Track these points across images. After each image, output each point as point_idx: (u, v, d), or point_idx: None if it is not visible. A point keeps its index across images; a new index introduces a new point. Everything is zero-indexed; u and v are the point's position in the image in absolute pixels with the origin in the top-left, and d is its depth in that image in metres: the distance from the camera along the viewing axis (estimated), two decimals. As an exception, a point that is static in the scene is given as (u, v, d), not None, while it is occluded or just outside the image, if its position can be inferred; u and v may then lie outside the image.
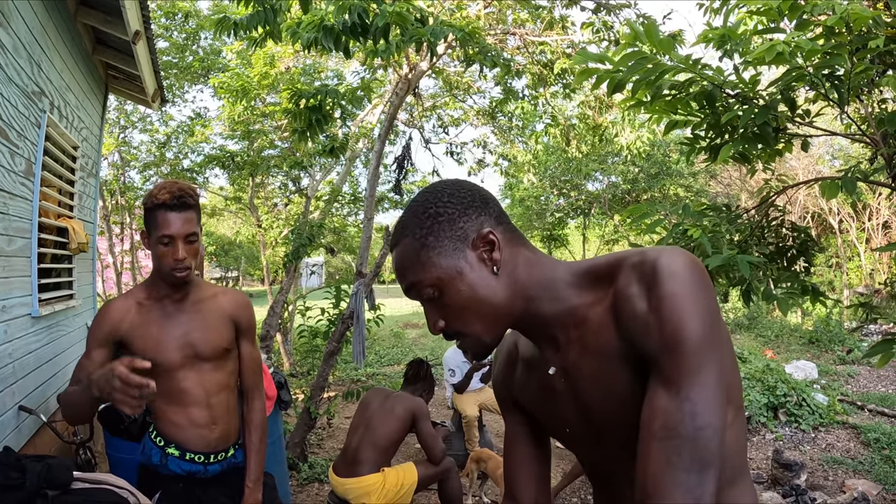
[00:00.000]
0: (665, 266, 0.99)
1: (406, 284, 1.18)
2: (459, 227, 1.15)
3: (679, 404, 0.93)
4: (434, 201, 1.17)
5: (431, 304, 1.17)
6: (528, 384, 1.33)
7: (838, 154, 16.82)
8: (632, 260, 1.06)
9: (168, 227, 2.07)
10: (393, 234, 1.22)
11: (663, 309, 0.97)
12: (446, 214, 1.15)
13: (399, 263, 1.18)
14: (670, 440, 0.93)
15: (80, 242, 4.23)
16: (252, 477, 2.33)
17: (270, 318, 7.68)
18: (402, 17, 3.43)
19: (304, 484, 5.16)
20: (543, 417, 1.32)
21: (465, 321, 1.16)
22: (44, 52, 3.64)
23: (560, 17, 7.01)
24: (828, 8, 2.43)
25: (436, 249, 1.14)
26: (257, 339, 2.55)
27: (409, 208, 1.21)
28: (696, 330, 0.95)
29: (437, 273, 1.14)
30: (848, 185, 2.61)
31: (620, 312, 1.04)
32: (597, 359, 1.10)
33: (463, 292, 1.14)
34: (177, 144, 11.33)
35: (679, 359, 0.95)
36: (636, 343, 1.01)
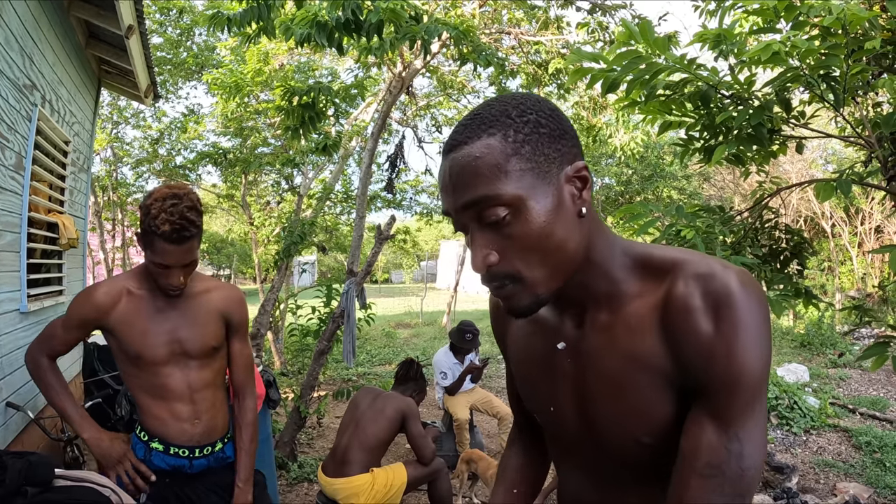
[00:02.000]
0: (739, 292, 0.92)
1: (469, 197, 0.95)
2: (558, 149, 0.97)
3: (728, 443, 0.92)
4: (534, 108, 0.98)
5: (490, 232, 0.96)
6: (525, 344, 1.23)
7: (832, 158, 16.87)
8: (697, 268, 0.97)
9: (165, 258, 2.00)
10: (461, 130, 0.98)
11: (733, 341, 0.91)
12: (549, 128, 0.97)
13: (469, 167, 0.94)
14: (714, 478, 0.91)
15: (71, 238, 4.20)
16: (242, 476, 2.30)
17: (261, 317, 7.65)
18: (396, 14, 3.41)
19: (294, 483, 5.13)
20: (529, 386, 1.23)
21: (529, 260, 0.96)
22: (36, 45, 3.61)
23: (555, 17, 7.01)
24: (824, 9, 2.42)
25: (529, 163, 0.94)
26: (248, 337, 2.52)
27: (491, 105, 0.99)
28: (758, 368, 0.92)
29: (522, 191, 0.93)
30: (843, 187, 2.60)
31: (677, 323, 0.96)
32: (623, 357, 1.02)
33: (542, 224, 0.94)
34: (170, 141, 11.31)
35: (736, 396, 0.92)
36: (688, 363, 0.95)
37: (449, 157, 0.98)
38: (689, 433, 0.95)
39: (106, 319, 2.11)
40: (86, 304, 2.12)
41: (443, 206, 1.02)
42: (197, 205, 2.05)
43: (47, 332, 2.19)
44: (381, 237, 5.42)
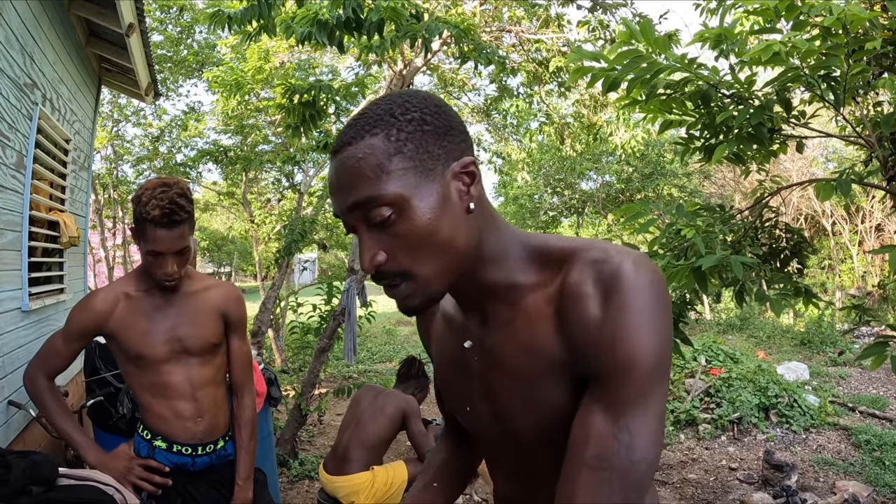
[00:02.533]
0: (629, 274, 0.89)
1: (354, 199, 0.94)
2: (443, 146, 0.96)
3: (617, 433, 0.87)
4: (419, 105, 0.97)
5: (377, 231, 0.95)
6: (440, 345, 1.22)
7: (832, 156, 16.88)
8: (591, 254, 0.95)
9: (156, 244, 2.01)
10: (346, 131, 0.97)
11: (621, 324, 0.88)
12: (433, 124, 0.96)
13: (352, 169, 0.93)
14: (602, 470, 0.87)
15: (72, 236, 4.21)
16: (242, 474, 2.31)
17: (262, 314, 7.66)
18: (396, 13, 3.41)
19: (294, 481, 5.14)
20: (446, 386, 1.22)
21: (417, 258, 0.95)
22: (36, 43, 3.61)
23: (556, 15, 7.00)
24: (824, 9, 2.42)
25: (412, 161, 0.93)
26: (248, 334, 2.53)
27: (377, 104, 0.98)
28: (651, 355, 0.88)
29: (405, 190, 0.92)
30: (843, 187, 2.61)
31: (568, 311, 0.94)
32: (524, 351, 0.99)
33: (428, 221, 0.93)
34: (170, 139, 11.31)
35: (626, 383, 0.88)
36: (579, 350, 0.93)
37: (335, 159, 0.97)
38: (579, 422, 0.91)
39: (106, 325, 2.12)
40: (85, 313, 2.12)
41: (333, 207, 1.01)
42: (187, 192, 2.07)
43: (47, 350, 2.18)
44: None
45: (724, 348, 8.07)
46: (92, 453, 2.15)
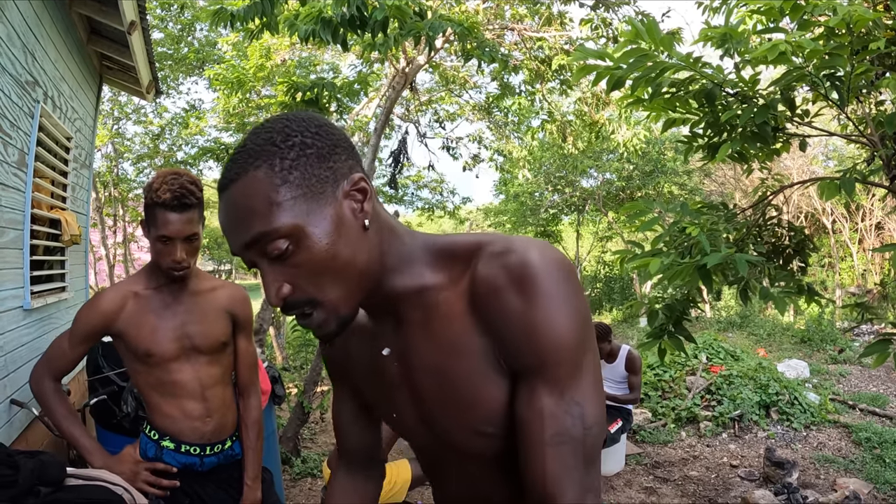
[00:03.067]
0: (538, 263, 0.92)
1: (247, 237, 0.91)
2: (330, 167, 0.94)
3: (567, 407, 0.92)
4: (299, 129, 0.94)
5: (277, 265, 0.93)
6: (359, 358, 1.20)
7: (832, 154, 16.88)
8: (494, 247, 0.97)
9: (167, 228, 2.00)
10: (230, 167, 0.94)
11: (542, 310, 0.91)
12: (315, 147, 0.94)
13: (241, 205, 0.91)
14: (564, 444, 0.92)
15: (73, 234, 4.20)
16: (251, 475, 2.31)
17: (264, 312, 7.65)
18: (400, 11, 3.41)
19: (297, 478, 5.15)
20: (371, 397, 1.22)
21: (321, 285, 0.94)
22: (38, 41, 3.60)
23: (558, 13, 7.00)
24: (828, 8, 2.42)
25: (301, 189, 0.91)
26: (251, 334, 2.53)
27: (257, 133, 0.95)
28: (576, 331, 0.92)
29: (298, 219, 0.90)
30: (847, 186, 2.61)
31: (485, 304, 0.95)
32: (443, 350, 1.00)
33: (325, 247, 0.92)
34: (171, 136, 11.31)
35: (561, 362, 0.92)
36: (505, 341, 0.95)
37: (223, 198, 0.94)
38: (527, 407, 0.94)
39: (114, 325, 2.11)
40: (92, 314, 2.11)
41: (230, 246, 0.97)
42: (197, 182, 2.09)
43: (53, 352, 2.17)
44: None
45: (725, 346, 8.08)
46: (98, 457, 2.14)
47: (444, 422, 1.05)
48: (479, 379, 0.98)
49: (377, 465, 1.39)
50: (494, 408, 0.99)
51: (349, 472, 1.37)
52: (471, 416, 1.01)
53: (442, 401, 1.03)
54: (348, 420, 1.33)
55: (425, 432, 1.11)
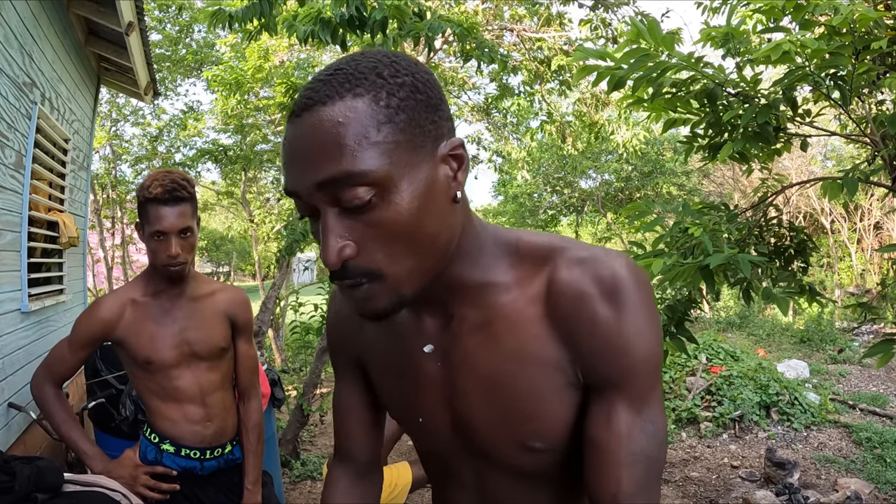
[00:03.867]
0: (628, 275, 0.87)
1: (328, 174, 0.76)
2: (434, 121, 0.82)
3: (643, 426, 0.88)
4: (409, 69, 0.81)
5: (348, 218, 0.78)
6: (380, 348, 1.07)
7: (831, 154, 16.90)
8: (576, 253, 0.90)
9: (160, 223, 1.99)
10: (317, 87, 0.79)
11: (633, 324, 0.86)
12: (426, 95, 0.81)
13: (327, 134, 0.75)
14: (638, 464, 0.87)
15: (71, 237, 4.19)
16: (251, 478, 2.31)
17: (263, 314, 7.64)
18: (400, 11, 3.40)
19: (297, 481, 5.13)
20: (390, 394, 1.09)
21: (393, 253, 0.80)
22: (35, 42, 3.59)
23: (557, 13, 6.99)
24: (830, 8, 2.41)
25: (404, 135, 0.78)
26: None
27: (356, 60, 0.81)
28: (658, 347, 0.89)
29: (394, 170, 0.77)
30: (850, 186, 2.60)
31: (570, 312, 0.88)
32: (504, 356, 0.91)
33: (414, 210, 0.79)
34: (169, 138, 11.29)
35: (644, 378, 0.88)
36: (585, 352, 0.88)
37: (300, 121, 0.79)
38: (604, 424, 0.89)
39: (113, 333, 2.10)
40: (92, 321, 2.11)
41: (287, 183, 0.82)
42: (188, 178, 2.09)
43: (54, 357, 2.17)
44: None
45: (725, 346, 8.07)
46: (98, 462, 2.14)
47: (487, 432, 0.97)
48: (542, 391, 0.91)
49: (376, 468, 1.26)
50: (552, 422, 0.93)
51: (346, 474, 1.24)
52: (523, 429, 0.94)
53: (491, 410, 0.95)
54: (351, 414, 1.21)
55: (455, 440, 1.03)
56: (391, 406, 1.11)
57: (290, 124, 0.80)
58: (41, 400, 2.15)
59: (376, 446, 1.24)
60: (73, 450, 2.17)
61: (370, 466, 1.24)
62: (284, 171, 0.82)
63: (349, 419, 1.21)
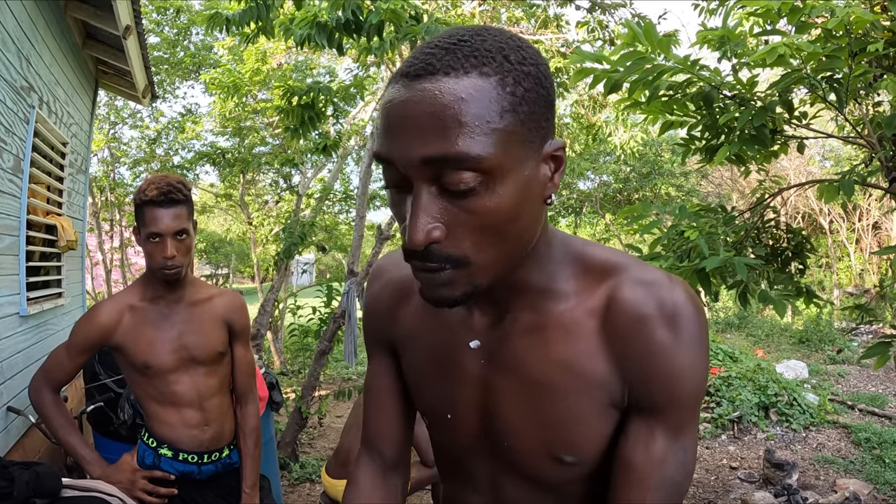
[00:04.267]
0: (689, 304, 0.87)
1: (440, 151, 0.72)
2: (547, 119, 0.79)
3: (675, 454, 0.88)
4: (534, 60, 0.77)
5: (444, 200, 0.75)
6: (424, 337, 1.04)
7: (829, 155, 16.91)
8: (639, 273, 0.90)
9: (156, 225, 2.00)
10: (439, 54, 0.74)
11: (691, 354, 0.86)
12: (546, 90, 0.78)
13: (446, 109, 0.71)
14: (663, 489, 0.88)
15: (69, 240, 4.19)
16: (249, 482, 2.31)
17: (261, 317, 7.65)
18: (396, 15, 3.40)
19: (296, 484, 5.13)
20: (424, 387, 1.06)
21: (482, 243, 0.77)
22: (33, 46, 3.59)
23: (554, 15, 7.00)
24: (826, 10, 2.42)
25: (522, 126, 0.75)
26: (249, 339, 2.53)
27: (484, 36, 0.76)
28: (704, 381, 0.89)
29: (507, 161, 0.74)
30: (846, 188, 2.60)
31: (627, 333, 0.87)
32: (553, 363, 0.90)
33: (514, 203, 0.76)
34: (167, 141, 11.28)
35: (685, 409, 0.89)
36: (640, 377, 0.88)
37: (415, 85, 0.73)
38: (641, 448, 0.89)
39: (111, 339, 2.10)
40: (90, 327, 2.11)
41: (383, 148, 0.77)
42: (184, 181, 2.11)
43: (52, 363, 2.16)
44: (381, 237, 5.41)
45: (724, 347, 8.08)
46: (96, 467, 2.14)
47: (518, 437, 0.96)
48: (585, 405, 0.90)
49: (403, 465, 1.20)
50: (588, 438, 0.92)
51: (370, 470, 1.18)
52: (558, 439, 0.93)
53: (528, 416, 0.94)
54: (379, 401, 1.17)
55: (481, 441, 1.01)
56: (421, 397, 1.08)
57: (401, 86, 0.75)
58: (39, 405, 2.15)
59: (404, 441, 1.19)
60: (72, 455, 2.17)
61: (396, 462, 1.19)
62: (381, 135, 0.77)
63: (377, 407, 1.17)
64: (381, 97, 7.32)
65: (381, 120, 0.77)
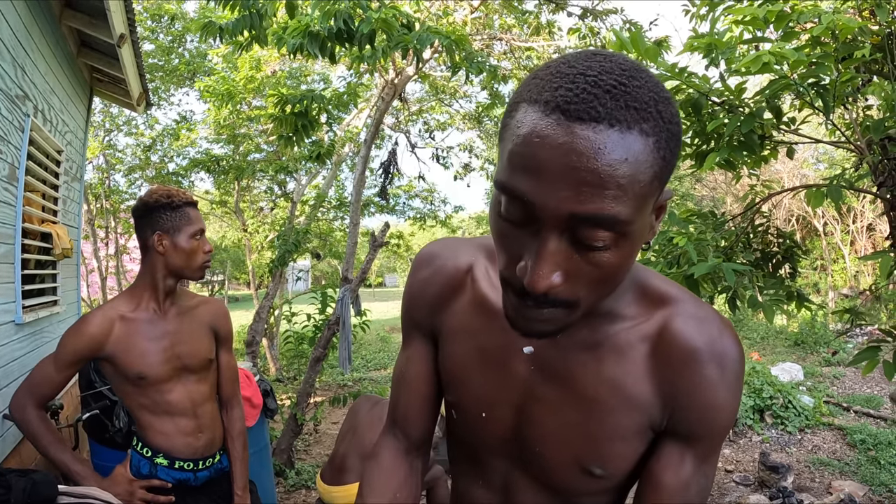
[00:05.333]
0: (736, 344, 0.92)
1: (595, 211, 0.69)
2: (668, 176, 0.76)
3: (697, 478, 0.95)
4: (677, 117, 0.75)
5: (572, 250, 0.74)
6: (475, 333, 1.04)
7: (823, 157, 16.95)
8: (692, 308, 0.93)
9: (200, 222, 2.15)
10: (603, 97, 0.68)
11: (729, 391, 0.91)
12: (679, 147, 0.76)
13: (613, 169, 0.68)
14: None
15: (65, 248, 4.20)
16: (240, 484, 2.33)
17: (256, 324, 7.64)
18: (387, 24, 3.42)
19: (291, 490, 5.13)
20: (463, 381, 1.06)
21: (592, 290, 0.77)
22: (28, 54, 3.60)
23: (546, 22, 7.02)
24: (814, 16, 2.44)
25: (657, 189, 0.74)
26: (243, 344, 2.55)
27: (638, 83, 0.70)
28: (735, 417, 0.98)
29: (638, 223, 0.73)
30: (833, 194, 2.63)
31: (677, 365, 0.91)
32: (603, 380, 0.94)
33: (628, 258, 0.76)
34: (162, 148, 11.27)
35: (717, 440, 0.95)
36: (682, 407, 0.92)
37: (578, 131, 0.68)
38: (672, 469, 0.95)
39: (102, 350, 2.09)
40: (79, 338, 2.09)
41: (526, 186, 0.71)
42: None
43: (38, 376, 2.12)
44: (375, 244, 5.42)
45: (719, 351, 8.07)
46: (91, 482, 2.13)
47: (551, 445, 0.99)
48: (626, 423, 0.94)
49: (426, 449, 1.21)
50: (622, 454, 0.97)
51: (393, 450, 1.19)
52: (592, 453, 0.96)
53: (567, 426, 0.97)
54: (413, 386, 1.17)
55: (510, 443, 1.04)
56: (458, 390, 1.08)
57: (556, 123, 0.69)
58: (24, 423, 2.09)
59: (430, 426, 1.20)
60: (65, 472, 2.12)
61: (421, 444, 1.20)
62: (522, 170, 0.72)
63: (410, 391, 1.17)
64: (374, 105, 7.24)
65: (522, 153, 0.72)
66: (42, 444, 2.10)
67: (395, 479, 1.16)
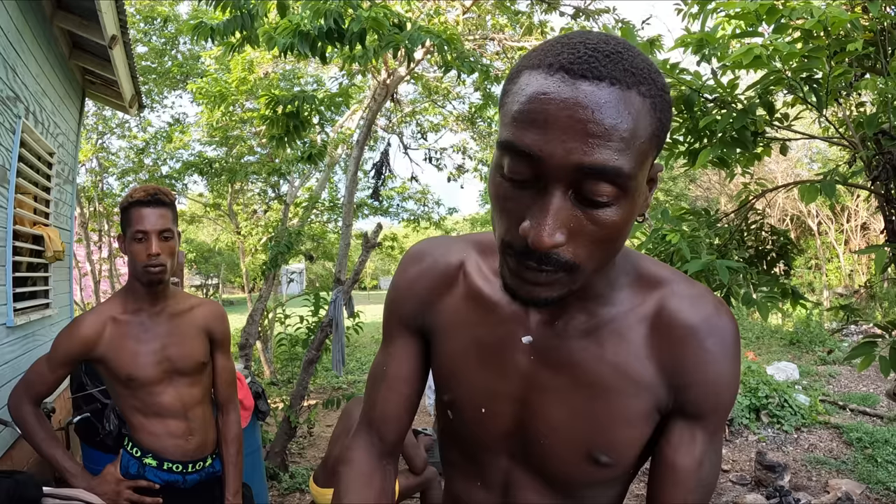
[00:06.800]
0: (731, 319, 0.95)
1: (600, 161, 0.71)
2: (664, 140, 0.80)
3: (710, 456, 0.96)
4: (668, 89, 0.79)
5: (576, 208, 0.75)
6: (467, 325, 1.03)
7: (816, 157, 16.99)
8: (687, 288, 0.95)
9: (142, 223, 2.03)
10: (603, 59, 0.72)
11: (730, 366, 0.93)
12: (670, 117, 0.80)
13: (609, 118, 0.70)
14: (700, 490, 0.95)
15: (56, 251, 4.17)
16: (232, 490, 2.31)
17: (250, 327, 7.61)
18: (378, 23, 3.41)
19: (285, 494, 5.11)
20: (460, 376, 1.04)
21: (593, 253, 0.78)
22: (19, 56, 3.58)
23: (539, 22, 7.02)
24: (805, 12, 2.44)
25: (653, 151, 0.77)
26: (236, 348, 2.53)
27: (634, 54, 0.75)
28: (737, 390, 0.98)
29: (638, 180, 0.76)
30: (827, 189, 2.62)
31: (677, 344, 0.92)
32: (606, 365, 0.94)
33: (628, 220, 0.77)
34: (155, 151, 11.24)
35: (723, 414, 0.96)
36: (687, 385, 0.93)
37: (582, 86, 0.71)
38: (685, 450, 0.95)
39: (94, 351, 2.10)
40: (71, 340, 2.10)
41: (532, 141, 0.73)
42: (169, 191, 2.15)
43: (32, 376, 2.16)
44: (367, 245, 5.40)
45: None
46: (81, 479, 2.12)
47: (559, 435, 0.98)
48: (633, 407, 0.94)
49: (397, 452, 1.19)
50: (630, 439, 0.96)
51: (370, 454, 1.15)
52: (600, 440, 0.96)
53: (571, 414, 0.96)
54: (395, 387, 1.13)
55: (511, 438, 1.02)
56: (455, 387, 1.06)
57: (561, 81, 0.72)
58: (20, 420, 2.14)
59: (404, 431, 1.17)
60: (56, 468, 2.15)
61: (393, 449, 1.17)
62: (527, 126, 0.74)
63: (391, 391, 1.14)
64: (367, 106, 7.21)
65: (528, 109, 0.74)
66: (36, 441, 2.14)
67: (373, 487, 1.13)
